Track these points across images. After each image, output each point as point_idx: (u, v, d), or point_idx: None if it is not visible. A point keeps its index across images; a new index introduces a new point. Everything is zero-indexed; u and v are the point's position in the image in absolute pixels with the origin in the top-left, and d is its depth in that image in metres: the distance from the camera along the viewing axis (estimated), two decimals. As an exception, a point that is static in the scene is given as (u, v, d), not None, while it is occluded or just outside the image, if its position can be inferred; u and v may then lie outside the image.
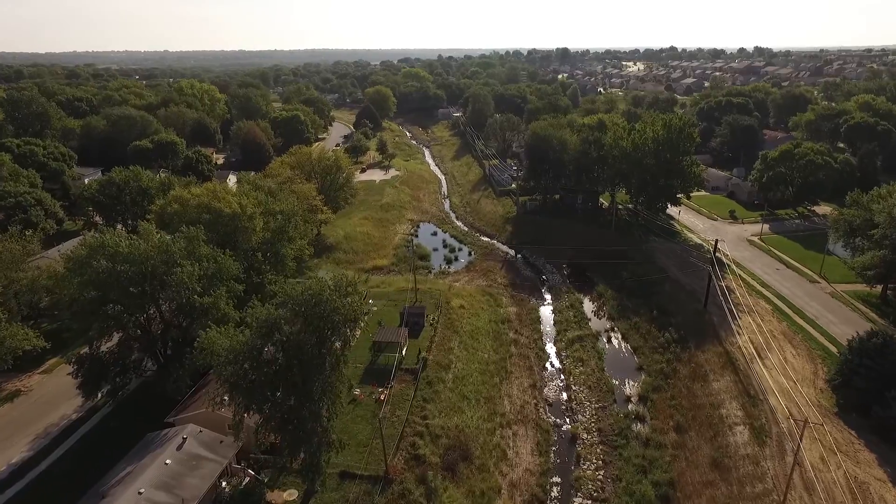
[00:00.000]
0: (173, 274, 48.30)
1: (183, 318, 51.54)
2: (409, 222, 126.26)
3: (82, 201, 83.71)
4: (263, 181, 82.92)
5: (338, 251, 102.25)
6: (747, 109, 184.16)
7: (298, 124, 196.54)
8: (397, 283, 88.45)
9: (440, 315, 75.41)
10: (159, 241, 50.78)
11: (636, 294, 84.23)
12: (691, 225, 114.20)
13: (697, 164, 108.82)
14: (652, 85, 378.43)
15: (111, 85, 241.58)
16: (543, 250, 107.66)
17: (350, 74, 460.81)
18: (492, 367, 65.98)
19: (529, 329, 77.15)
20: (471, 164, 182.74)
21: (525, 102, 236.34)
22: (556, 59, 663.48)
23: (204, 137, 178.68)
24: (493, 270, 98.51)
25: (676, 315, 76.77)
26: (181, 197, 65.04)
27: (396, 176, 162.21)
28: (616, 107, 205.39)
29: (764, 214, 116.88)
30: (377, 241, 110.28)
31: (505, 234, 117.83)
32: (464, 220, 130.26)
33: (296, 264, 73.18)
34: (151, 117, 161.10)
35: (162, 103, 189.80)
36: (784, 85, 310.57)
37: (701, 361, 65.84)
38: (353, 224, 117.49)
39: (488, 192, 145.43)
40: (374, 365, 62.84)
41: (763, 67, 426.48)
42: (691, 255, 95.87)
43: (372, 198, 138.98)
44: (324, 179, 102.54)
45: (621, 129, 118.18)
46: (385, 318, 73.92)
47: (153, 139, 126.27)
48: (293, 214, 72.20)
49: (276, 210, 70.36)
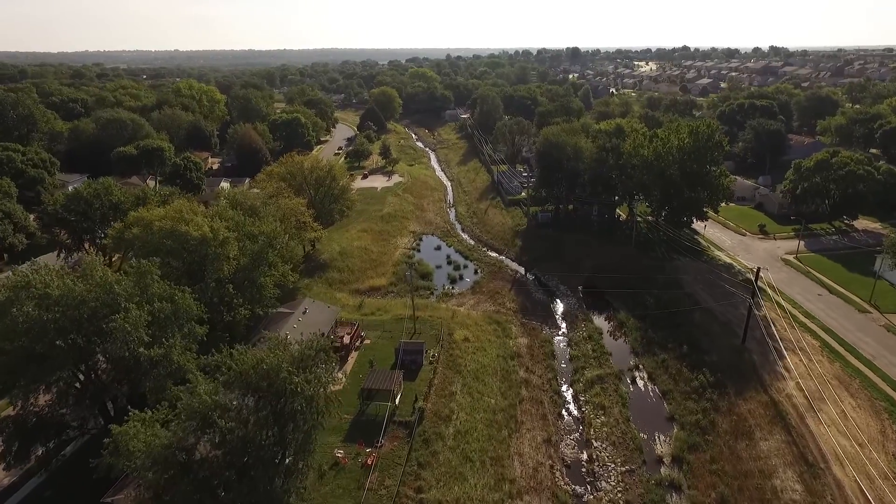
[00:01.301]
0: (113, 321, 39.77)
1: (127, 373, 42.98)
2: (411, 235, 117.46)
3: (45, 217, 75.68)
4: (245, 196, 74.35)
5: (331, 269, 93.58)
6: (771, 112, 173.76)
7: (299, 127, 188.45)
8: (395, 309, 79.66)
9: (441, 350, 66.56)
10: (101, 279, 42.25)
11: (662, 324, 74.93)
12: (718, 240, 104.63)
13: (726, 174, 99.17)
14: (666, 85, 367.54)
15: (108, 86, 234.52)
16: (556, 269, 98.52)
17: (357, 74, 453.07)
18: (499, 417, 57.01)
19: (542, 366, 68.09)
20: (478, 169, 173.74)
21: (535, 104, 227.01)
22: (567, 58, 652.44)
23: (199, 141, 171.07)
24: (501, 292, 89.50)
25: (710, 352, 67.43)
26: (142, 219, 56.60)
27: (399, 183, 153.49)
28: (631, 109, 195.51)
29: (797, 229, 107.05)
30: (375, 258, 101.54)
31: (514, 249, 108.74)
32: (470, 232, 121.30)
33: (278, 292, 64.63)
34: (143, 120, 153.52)
35: (157, 105, 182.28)
36: (804, 86, 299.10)
37: (744, 413, 56.52)
38: (350, 237, 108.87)
39: (496, 201, 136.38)
40: (362, 416, 54.08)
41: (781, 67, 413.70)
42: (721, 277, 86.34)
43: (372, 207, 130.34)
44: (317, 191, 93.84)
45: (641, 135, 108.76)
46: (378, 355, 65.16)
47: (138, 145, 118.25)
48: (275, 236, 63.61)
49: (256, 232, 61.79)
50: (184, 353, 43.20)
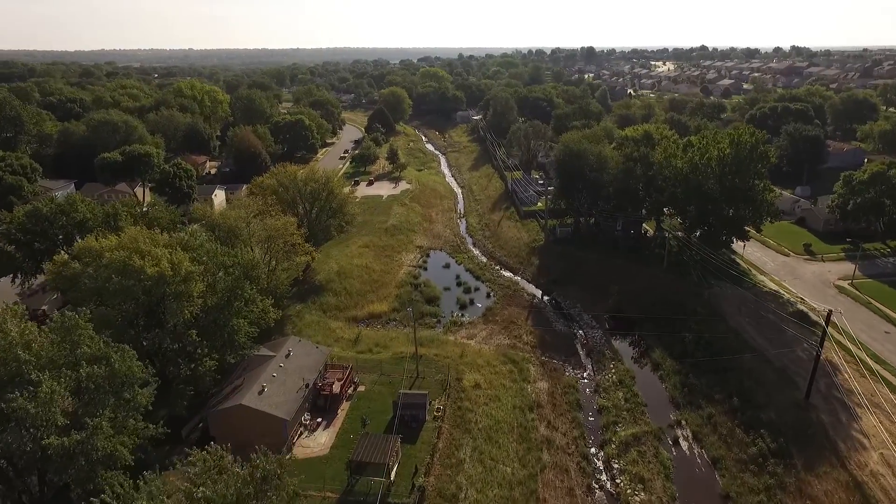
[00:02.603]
0: (13, 401, 30.33)
1: (35, 464, 33.48)
2: (417, 250, 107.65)
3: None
4: (224, 219, 64.84)
5: (327, 293, 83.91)
6: (807, 117, 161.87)
7: (302, 130, 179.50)
8: (396, 344, 69.85)
9: (447, 401, 56.68)
10: (4, 340, 32.81)
11: (705, 368, 64.40)
12: (759, 262, 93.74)
13: (771, 189, 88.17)
14: (686, 86, 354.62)
15: (108, 85, 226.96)
16: (578, 294, 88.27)
17: (367, 74, 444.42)
18: (517, 493, 46.96)
19: (567, 420, 57.95)
20: (491, 175, 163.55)
21: (551, 106, 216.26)
22: (581, 58, 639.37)
23: (197, 144, 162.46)
24: (517, 321, 79.41)
25: (766, 407, 56.87)
26: (90, 249, 47.24)
27: (406, 191, 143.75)
28: (654, 112, 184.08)
29: (847, 249, 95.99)
30: (377, 278, 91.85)
31: (531, 268, 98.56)
32: (482, 247, 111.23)
33: (257, 331, 55.06)
34: (137, 122, 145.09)
35: (154, 106, 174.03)
36: (833, 87, 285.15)
37: (818, 495, 46.03)
38: (350, 254, 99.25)
39: (511, 212, 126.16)
40: (349, 495, 44.35)
41: (806, 68, 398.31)
42: (768, 308, 75.69)
43: (377, 218, 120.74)
44: (312, 206, 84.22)
45: (673, 144, 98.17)
46: (373, 408, 55.39)
47: (124, 150, 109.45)
48: (254, 266, 54.06)
49: (230, 262, 52.28)
50: (115, 436, 33.61)
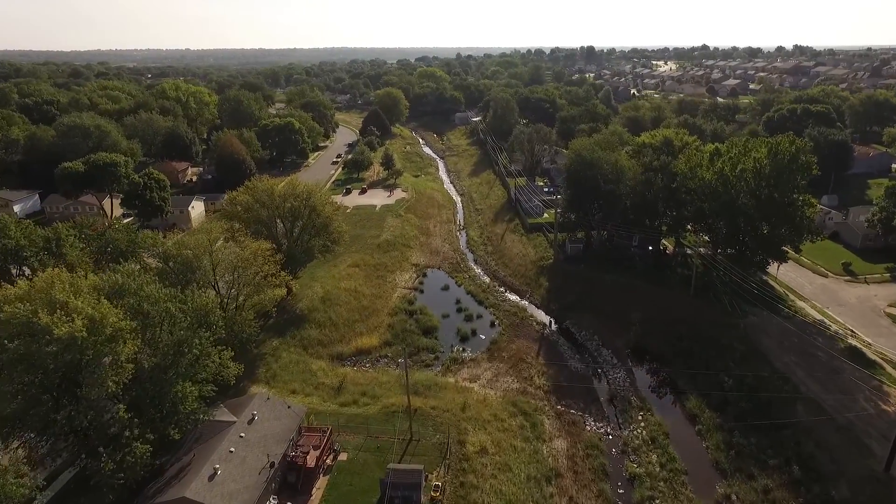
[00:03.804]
0: None
1: None
2: (413, 269, 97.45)
3: None
4: (180, 248, 54.54)
5: (309, 324, 73.46)
6: (829, 119, 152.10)
7: (292, 133, 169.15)
8: (386, 393, 59.53)
9: (447, 474, 46.49)
10: None
11: (752, 423, 54.27)
12: (795, 284, 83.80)
13: (812, 203, 78.07)
14: (691, 87, 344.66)
15: (88, 86, 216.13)
16: (594, 322, 78.09)
17: (364, 74, 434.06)
18: None
19: (592, 495, 47.74)
20: (492, 182, 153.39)
21: (554, 108, 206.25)
22: (582, 58, 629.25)
23: (178, 149, 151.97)
24: (526, 358, 69.22)
25: (836, 479, 46.79)
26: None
27: (402, 200, 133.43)
28: (664, 114, 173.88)
29: (893, 269, 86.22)
30: (367, 304, 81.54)
31: (539, 290, 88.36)
32: (484, 265, 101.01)
33: (214, 388, 44.81)
34: (112, 127, 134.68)
35: (133, 109, 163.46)
36: (843, 87, 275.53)
37: None
38: (337, 275, 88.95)
39: (515, 224, 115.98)
40: None
41: (813, 67, 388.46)
42: (816, 344, 65.66)
43: (368, 233, 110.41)
44: (293, 225, 73.80)
45: (697, 151, 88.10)
46: (356, 485, 45.09)
47: (88, 159, 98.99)
48: (210, 311, 43.84)
49: (178, 311, 42.00)
50: None
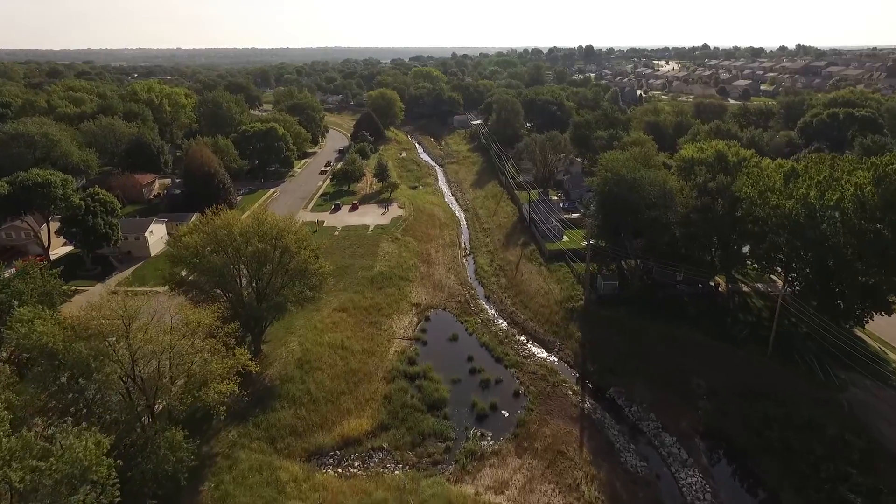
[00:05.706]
0: None
1: None
2: (413, 310, 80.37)
3: None
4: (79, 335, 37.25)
5: (281, 401, 56.05)
6: (876, 125, 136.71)
7: (275, 140, 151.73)
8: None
9: None
10: None
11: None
12: (890, 336, 67.32)
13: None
14: (700, 87, 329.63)
15: (53, 87, 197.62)
16: (647, 392, 61.20)
17: (357, 74, 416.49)
18: None
19: None
20: (499, 195, 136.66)
21: (562, 110, 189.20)
22: (581, 57, 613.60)
23: (145, 159, 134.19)
24: (566, 449, 52.25)
25: None
26: None
27: (398, 218, 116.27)
28: (686, 119, 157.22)
29: None
30: (357, 366, 64.23)
31: (570, 343, 71.40)
32: (498, 303, 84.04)
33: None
34: (62, 135, 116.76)
35: (96, 112, 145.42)
36: (860, 88, 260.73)
37: None
38: (320, 325, 71.60)
39: (531, 250, 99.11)
40: None
41: (824, 67, 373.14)
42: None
43: (359, 262, 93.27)
44: (258, 272, 56.25)
45: (765, 173, 71.25)
46: None
47: (16, 178, 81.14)
48: (92, 466, 26.63)
49: (38, 467, 24.75)
50: None
